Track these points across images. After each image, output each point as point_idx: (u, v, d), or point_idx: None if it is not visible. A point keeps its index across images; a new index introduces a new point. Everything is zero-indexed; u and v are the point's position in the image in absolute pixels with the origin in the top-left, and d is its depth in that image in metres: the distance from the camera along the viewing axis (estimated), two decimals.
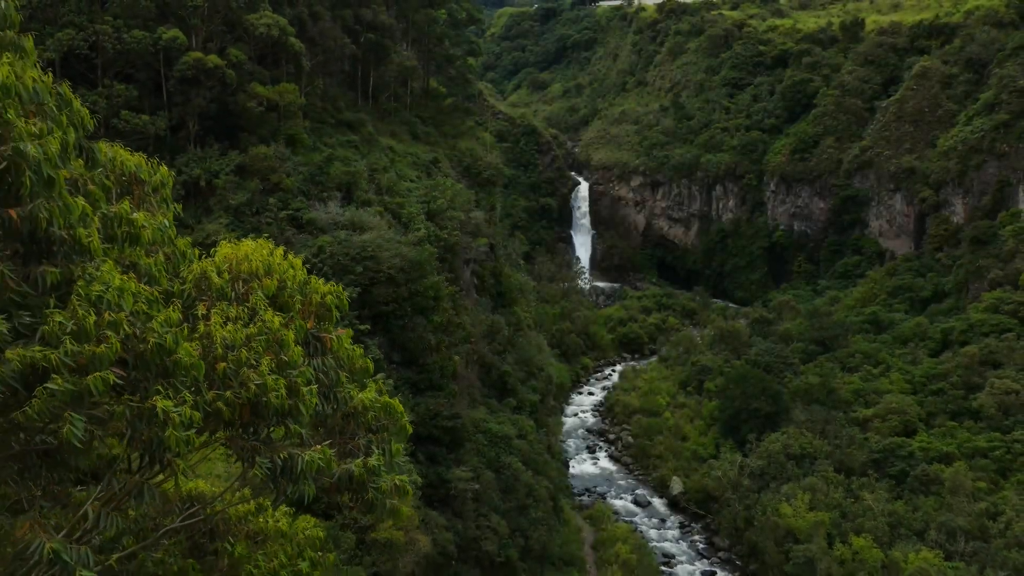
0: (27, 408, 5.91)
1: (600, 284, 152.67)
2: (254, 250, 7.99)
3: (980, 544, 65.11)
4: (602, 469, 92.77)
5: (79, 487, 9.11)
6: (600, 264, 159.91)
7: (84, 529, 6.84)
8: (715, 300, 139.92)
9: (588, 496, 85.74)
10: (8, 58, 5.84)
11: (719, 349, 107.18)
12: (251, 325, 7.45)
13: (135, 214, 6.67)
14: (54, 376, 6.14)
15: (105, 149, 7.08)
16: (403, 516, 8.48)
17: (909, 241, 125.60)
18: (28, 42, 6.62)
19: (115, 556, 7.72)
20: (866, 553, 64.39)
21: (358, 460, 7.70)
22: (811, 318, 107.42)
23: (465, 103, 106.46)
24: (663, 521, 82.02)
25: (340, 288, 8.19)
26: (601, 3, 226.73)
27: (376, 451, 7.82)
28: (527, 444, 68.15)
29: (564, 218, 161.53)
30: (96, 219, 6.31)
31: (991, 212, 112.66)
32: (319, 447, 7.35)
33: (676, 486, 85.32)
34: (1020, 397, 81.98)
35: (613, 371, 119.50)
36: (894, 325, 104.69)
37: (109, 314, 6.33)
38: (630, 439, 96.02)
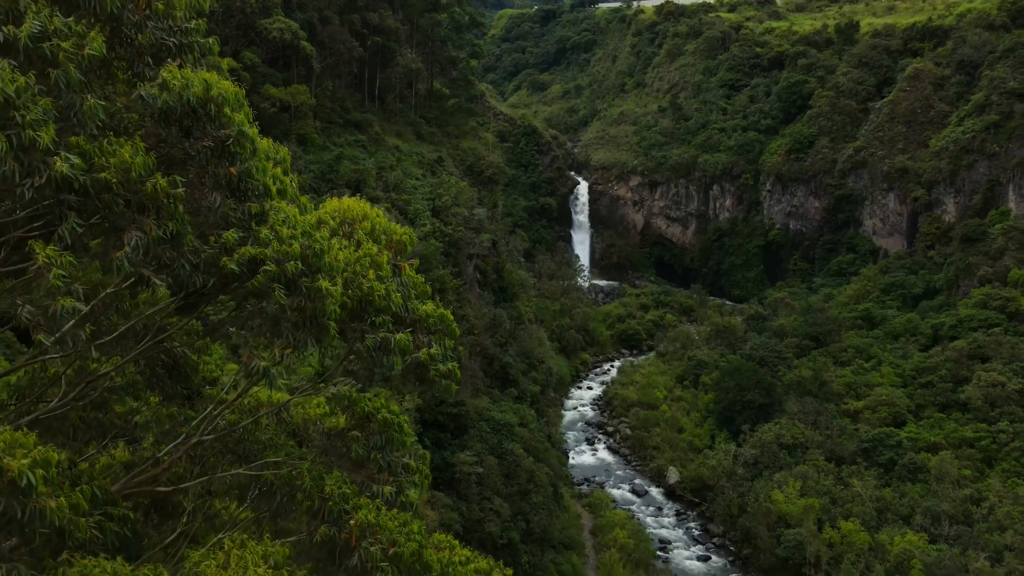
0: (253, 281, 8.84)
1: (599, 282, 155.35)
2: (353, 204, 11.00)
3: (963, 528, 67.79)
4: (601, 460, 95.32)
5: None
6: (599, 262, 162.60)
7: (275, 361, 9.64)
8: (712, 298, 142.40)
9: (587, 485, 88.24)
10: (216, 76, 8.61)
11: (715, 344, 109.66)
12: (358, 251, 10.28)
13: (284, 176, 9.59)
14: (267, 263, 9.23)
15: None
16: (453, 392, 11.19)
17: (902, 239, 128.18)
18: (224, 64, 9.45)
19: (239, 426, 10.75)
20: (854, 536, 67.08)
21: (423, 350, 10.63)
22: (805, 314, 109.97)
23: (468, 104, 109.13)
24: (660, 509, 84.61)
25: (411, 230, 11.15)
26: (600, 5, 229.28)
27: (435, 346, 10.75)
28: (528, 432, 70.75)
29: (564, 217, 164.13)
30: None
31: (981, 211, 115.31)
32: (402, 334, 10.27)
33: (673, 475, 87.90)
34: (1006, 389, 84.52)
35: (612, 366, 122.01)
36: (886, 321, 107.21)
37: (290, 230, 9.25)
38: (628, 431, 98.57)
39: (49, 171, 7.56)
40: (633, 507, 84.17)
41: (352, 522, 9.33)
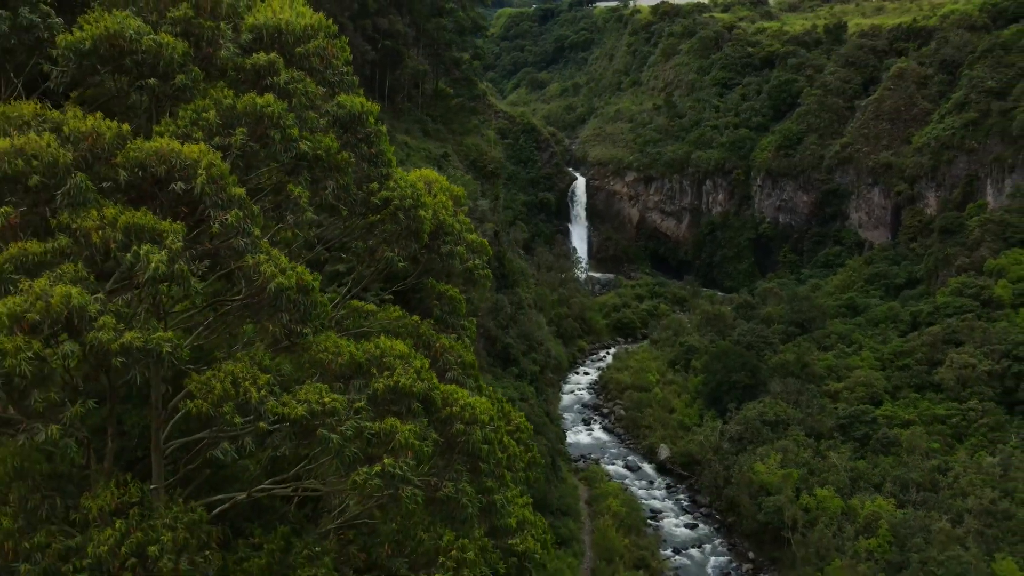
0: (385, 211, 14.57)
1: (596, 274, 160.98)
2: (428, 172, 16.81)
3: (929, 494, 73.38)
4: (596, 439, 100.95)
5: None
6: (596, 255, 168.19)
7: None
8: (705, 289, 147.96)
9: (584, 461, 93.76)
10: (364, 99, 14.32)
11: (705, 331, 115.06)
12: (435, 198, 16.06)
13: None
14: (394, 200, 14.68)
15: None
16: (487, 288, 16.92)
17: (886, 232, 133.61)
18: (360, 91, 15.24)
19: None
20: (828, 502, 72.76)
21: (471, 261, 16.48)
22: (791, 302, 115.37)
23: (470, 103, 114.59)
24: (652, 482, 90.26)
25: (463, 190, 17.03)
26: (598, 4, 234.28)
27: (478, 260, 16.60)
28: (528, 407, 76.20)
29: (562, 212, 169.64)
30: None
31: (960, 204, 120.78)
32: (460, 247, 16.14)
33: (663, 452, 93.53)
34: (976, 371, 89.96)
35: (607, 353, 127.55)
36: (869, 309, 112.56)
37: (404, 183, 14.93)
38: (622, 412, 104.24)
39: (296, 149, 13.11)
40: (626, 480, 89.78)
41: (438, 345, 15.12)
